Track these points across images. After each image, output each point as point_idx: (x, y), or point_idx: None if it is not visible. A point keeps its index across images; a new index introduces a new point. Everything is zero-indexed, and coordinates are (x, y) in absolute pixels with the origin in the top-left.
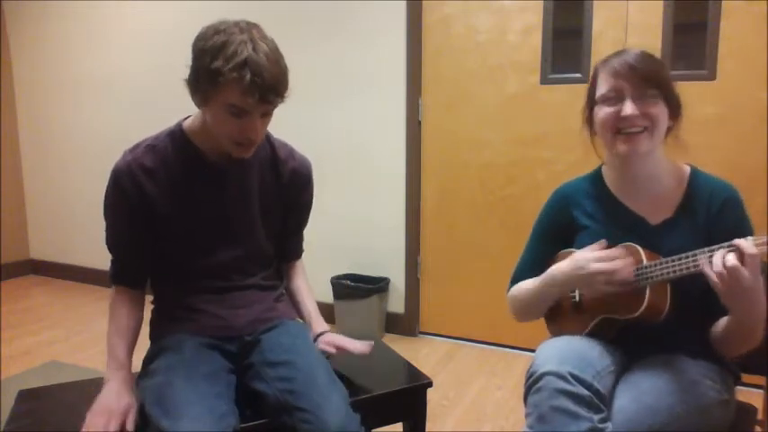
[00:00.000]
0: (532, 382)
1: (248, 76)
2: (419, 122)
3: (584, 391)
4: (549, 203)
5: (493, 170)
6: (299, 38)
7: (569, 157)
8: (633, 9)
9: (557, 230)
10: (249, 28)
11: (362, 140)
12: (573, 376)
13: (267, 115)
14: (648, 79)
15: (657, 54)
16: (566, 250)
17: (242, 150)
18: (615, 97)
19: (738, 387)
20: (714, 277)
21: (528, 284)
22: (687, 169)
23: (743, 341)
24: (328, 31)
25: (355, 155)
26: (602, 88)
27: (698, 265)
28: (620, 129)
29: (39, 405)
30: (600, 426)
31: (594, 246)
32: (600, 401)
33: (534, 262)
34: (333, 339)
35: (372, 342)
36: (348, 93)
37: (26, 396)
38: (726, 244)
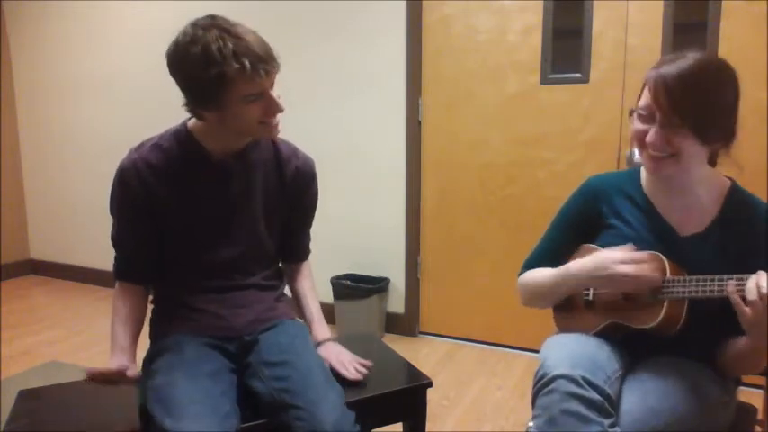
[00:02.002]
0: (543, 385)
1: (247, 62)
2: (419, 122)
3: (597, 396)
4: (578, 193)
5: (493, 170)
6: (299, 38)
7: (569, 157)
8: (633, 9)
9: (581, 222)
10: (210, 23)
11: (362, 140)
12: (585, 380)
13: (273, 85)
14: (678, 109)
15: (657, 54)
16: (589, 245)
17: (272, 127)
18: (647, 116)
19: (738, 387)
20: (743, 306)
21: (542, 274)
22: (727, 183)
23: (751, 366)
24: (328, 31)
25: (355, 155)
26: (642, 101)
27: (722, 291)
28: (646, 147)
29: (39, 405)
30: (610, 430)
31: (622, 248)
32: (610, 406)
33: (551, 250)
34: (329, 357)
35: (369, 363)
36: (348, 93)
37: (26, 396)
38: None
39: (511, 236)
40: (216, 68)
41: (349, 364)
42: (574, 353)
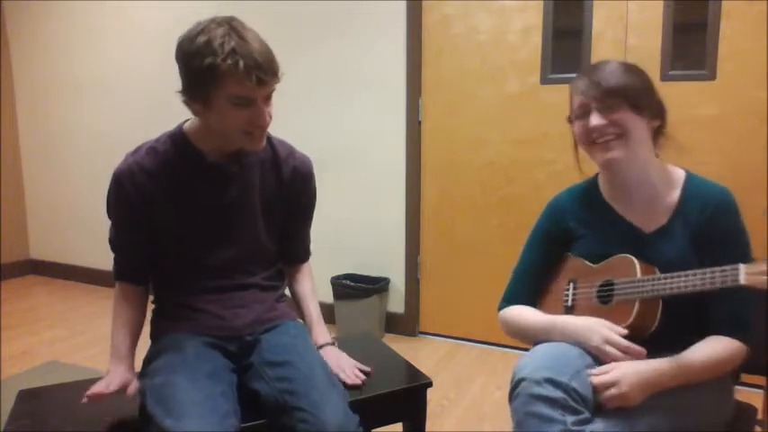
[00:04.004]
0: (511, 389)
1: (241, 62)
2: (419, 122)
3: (560, 394)
4: (543, 215)
5: (493, 170)
6: (300, 38)
7: (569, 157)
8: (633, 9)
9: (552, 241)
10: (226, 20)
11: (363, 141)
12: (548, 380)
13: (269, 99)
14: (610, 91)
15: (657, 54)
16: (572, 257)
17: (255, 140)
18: (583, 113)
19: (738, 387)
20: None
21: (528, 318)
22: (682, 174)
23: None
24: (328, 31)
25: (355, 155)
26: (574, 105)
27: (689, 286)
28: (593, 140)
29: (39, 405)
30: (574, 429)
31: (618, 331)
32: (577, 401)
33: (529, 274)
34: (327, 361)
35: (369, 369)
36: (348, 93)
37: (26, 396)
38: (723, 269)
39: (511, 236)
40: (210, 59)
41: (349, 369)
42: (541, 354)
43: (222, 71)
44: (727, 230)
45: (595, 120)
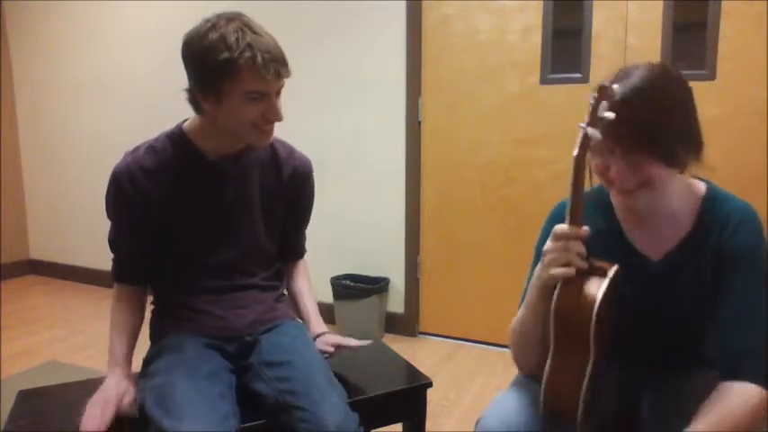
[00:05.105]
0: None
1: (259, 56)
2: (419, 122)
3: None
4: (547, 222)
5: (493, 170)
6: (300, 38)
7: (569, 157)
8: (633, 9)
9: None
10: (235, 17)
11: (362, 141)
12: None
13: (279, 94)
14: (632, 135)
15: (657, 54)
16: None
17: (266, 135)
18: (603, 149)
19: None
20: None
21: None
22: (701, 190)
23: None
24: (328, 31)
25: (355, 155)
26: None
27: None
28: (611, 183)
29: (39, 405)
30: None
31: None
32: None
33: None
34: (331, 339)
35: (371, 340)
36: (348, 93)
37: (26, 396)
38: None
39: (511, 236)
40: (228, 54)
41: (351, 339)
42: (500, 410)
43: (240, 65)
44: (747, 251)
45: (615, 174)
